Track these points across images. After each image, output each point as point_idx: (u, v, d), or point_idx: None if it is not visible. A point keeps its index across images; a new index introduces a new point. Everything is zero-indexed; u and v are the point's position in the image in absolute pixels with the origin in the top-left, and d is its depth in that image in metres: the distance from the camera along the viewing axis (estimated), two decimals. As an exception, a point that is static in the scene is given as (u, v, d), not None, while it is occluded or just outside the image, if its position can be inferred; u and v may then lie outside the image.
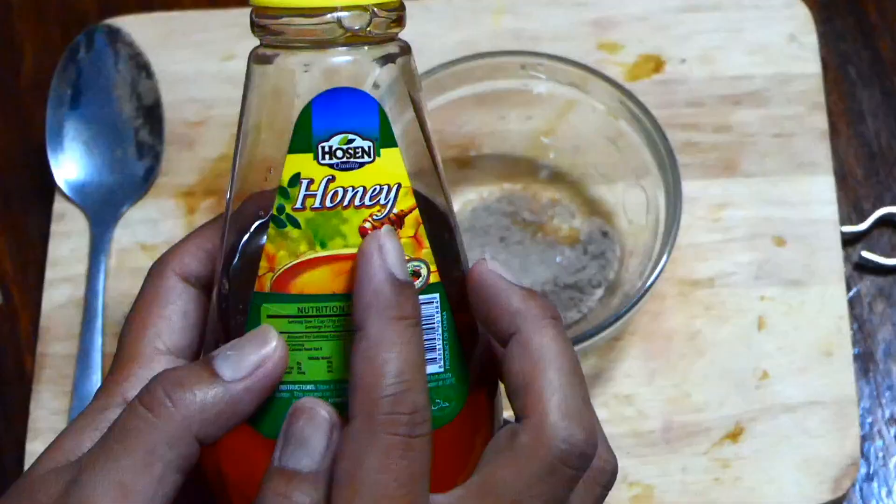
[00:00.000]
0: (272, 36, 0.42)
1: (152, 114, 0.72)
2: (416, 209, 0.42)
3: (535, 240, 0.68)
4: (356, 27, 0.41)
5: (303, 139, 0.41)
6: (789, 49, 0.72)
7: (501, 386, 0.44)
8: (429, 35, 0.73)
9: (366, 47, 0.42)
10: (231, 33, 0.74)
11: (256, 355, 0.41)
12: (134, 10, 0.76)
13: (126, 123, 0.72)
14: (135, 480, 0.39)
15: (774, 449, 0.64)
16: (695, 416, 0.65)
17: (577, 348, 0.61)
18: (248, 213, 0.43)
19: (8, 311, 0.71)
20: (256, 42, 0.42)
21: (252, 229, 0.43)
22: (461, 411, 0.43)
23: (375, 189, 0.41)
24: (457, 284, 0.43)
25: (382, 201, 0.41)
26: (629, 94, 0.65)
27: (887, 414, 0.67)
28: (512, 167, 0.70)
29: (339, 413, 0.41)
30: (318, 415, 0.41)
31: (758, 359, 0.66)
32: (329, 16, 0.41)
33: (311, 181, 0.41)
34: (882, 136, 0.73)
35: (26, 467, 0.65)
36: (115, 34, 0.73)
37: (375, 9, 0.42)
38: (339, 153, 0.41)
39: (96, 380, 0.66)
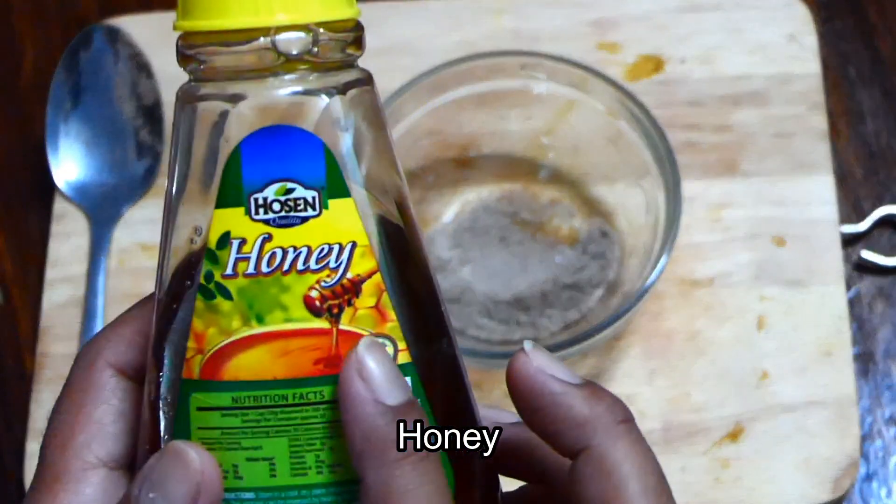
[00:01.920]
0: (200, 68, 0.35)
1: (152, 114, 0.72)
2: (378, 273, 0.34)
3: (535, 240, 0.68)
4: (294, 52, 0.34)
5: (232, 190, 0.34)
6: (789, 49, 0.72)
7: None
8: (429, 35, 0.73)
9: (311, 76, 0.34)
10: (231, 33, 0.74)
11: (184, 490, 0.33)
12: (134, 10, 0.76)
13: (126, 123, 0.72)
14: None
15: (774, 449, 0.64)
16: (695, 416, 0.65)
17: (576, 348, 0.61)
18: (179, 284, 0.35)
19: (8, 311, 0.71)
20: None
21: (182, 303, 0.35)
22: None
23: (323, 249, 0.34)
24: (436, 362, 0.36)
25: (332, 264, 0.34)
26: (629, 94, 0.64)
27: (887, 414, 0.67)
28: (512, 167, 0.70)
29: None
30: None
31: (758, 359, 0.66)
32: (262, 39, 0.34)
33: (244, 241, 0.34)
34: (882, 136, 0.73)
35: (26, 467, 0.65)
36: (114, 34, 0.73)
37: (320, 29, 0.34)
38: (276, 206, 0.34)
39: (96, 380, 0.66)
